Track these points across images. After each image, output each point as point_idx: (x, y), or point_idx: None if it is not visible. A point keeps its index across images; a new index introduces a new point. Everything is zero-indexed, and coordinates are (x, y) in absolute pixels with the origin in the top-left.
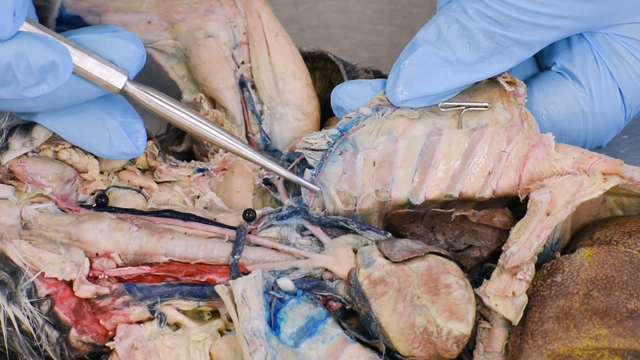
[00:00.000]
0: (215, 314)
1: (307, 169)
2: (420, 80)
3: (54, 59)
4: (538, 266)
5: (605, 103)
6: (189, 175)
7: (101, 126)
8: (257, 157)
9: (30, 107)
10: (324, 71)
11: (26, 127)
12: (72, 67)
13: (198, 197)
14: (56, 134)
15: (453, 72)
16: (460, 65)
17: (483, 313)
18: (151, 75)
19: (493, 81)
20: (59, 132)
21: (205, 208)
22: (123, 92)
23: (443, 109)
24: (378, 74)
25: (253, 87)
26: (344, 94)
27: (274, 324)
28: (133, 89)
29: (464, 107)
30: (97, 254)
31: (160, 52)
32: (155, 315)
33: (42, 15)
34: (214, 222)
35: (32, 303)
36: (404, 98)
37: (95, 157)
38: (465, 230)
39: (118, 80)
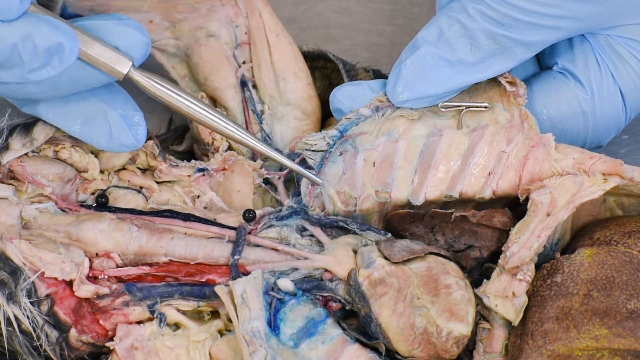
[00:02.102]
0: (215, 314)
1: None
2: (421, 81)
3: (61, 41)
4: (538, 266)
5: (607, 104)
6: (189, 175)
7: (102, 118)
8: (261, 147)
9: (32, 92)
10: (324, 71)
11: (26, 127)
12: (78, 50)
13: (198, 197)
14: (57, 128)
15: (454, 73)
16: (461, 65)
17: (483, 313)
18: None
19: (493, 81)
20: (60, 125)
21: (205, 208)
22: (127, 79)
23: (443, 109)
24: (378, 74)
25: (254, 86)
26: (343, 96)
27: (273, 325)
28: (137, 75)
29: (464, 108)
30: (97, 254)
31: (161, 51)
32: (155, 315)
33: None
34: (214, 222)
35: (31, 303)
36: (404, 98)
37: (96, 156)
38: (465, 230)
39: (123, 66)
